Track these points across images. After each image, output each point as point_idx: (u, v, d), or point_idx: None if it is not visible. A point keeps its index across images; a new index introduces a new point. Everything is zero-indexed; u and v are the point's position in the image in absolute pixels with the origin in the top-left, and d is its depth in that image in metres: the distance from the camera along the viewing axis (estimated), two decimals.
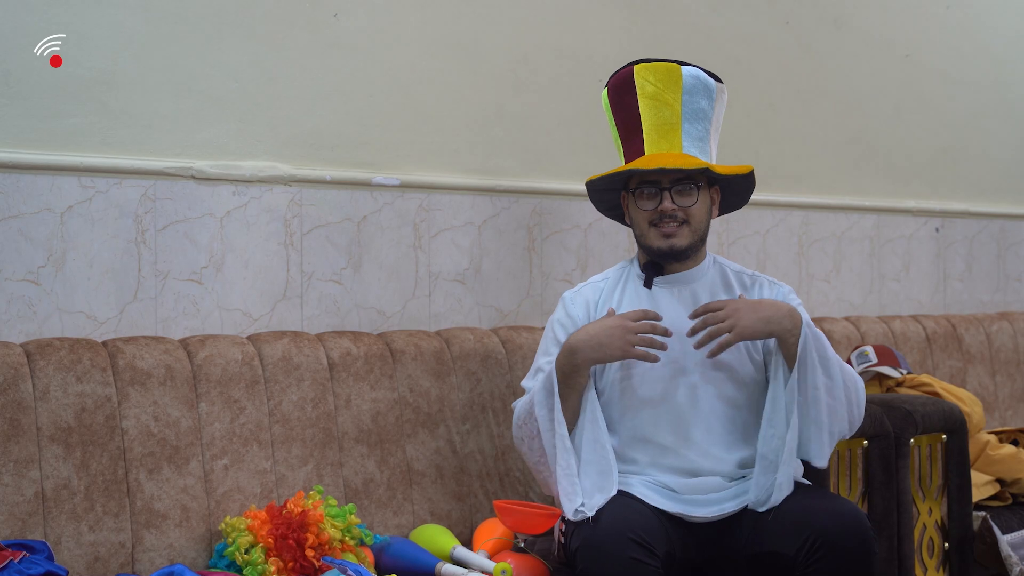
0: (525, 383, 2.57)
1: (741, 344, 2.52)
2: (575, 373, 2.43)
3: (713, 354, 2.42)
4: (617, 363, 2.51)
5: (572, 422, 2.45)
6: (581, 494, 2.37)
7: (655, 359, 2.42)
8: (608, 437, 2.46)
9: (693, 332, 2.44)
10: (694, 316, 2.45)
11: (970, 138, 4.37)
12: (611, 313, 2.49)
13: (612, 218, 2.72)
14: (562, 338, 2.53)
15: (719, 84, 2.58)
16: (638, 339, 2.41)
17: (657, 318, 2.45)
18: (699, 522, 2.44)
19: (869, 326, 3.83)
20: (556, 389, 2.42)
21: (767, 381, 2.53)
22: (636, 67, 2.55)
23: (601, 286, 2.61)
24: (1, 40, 2.47)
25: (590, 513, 2.32)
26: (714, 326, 2.41)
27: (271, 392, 2.61)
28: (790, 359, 2.43)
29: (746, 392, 2.52)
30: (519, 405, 2.53)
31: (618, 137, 2.60)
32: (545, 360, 2.54)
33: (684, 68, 2.54)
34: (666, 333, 2.43)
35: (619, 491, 2.42)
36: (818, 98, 3.94)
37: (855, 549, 2.29)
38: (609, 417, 2.53)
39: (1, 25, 2.47)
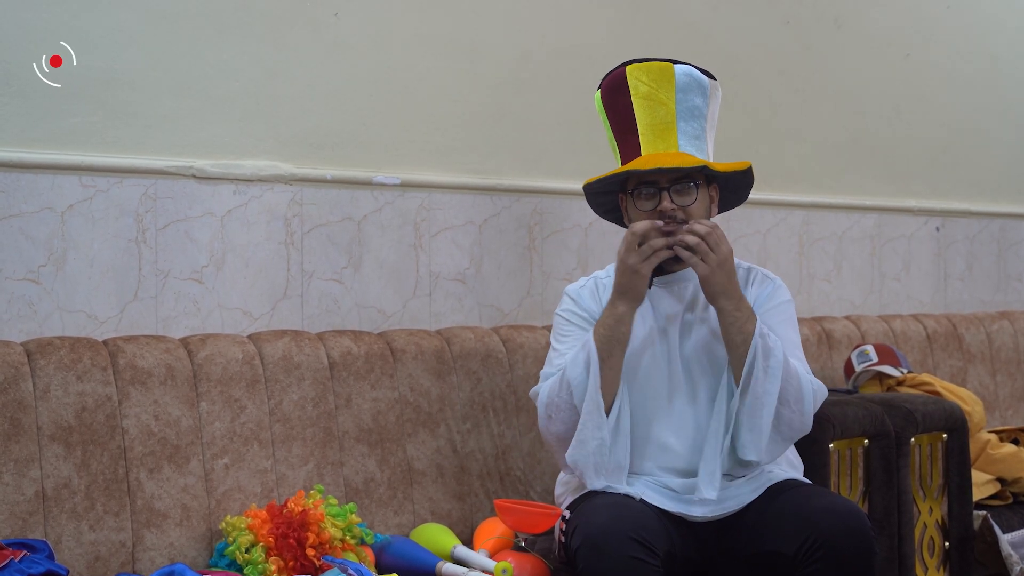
0: (544, 371, 2.55)
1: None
2: (618, 324, 2.42)
3: (669, 246, 2.41)
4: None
5: (614, 389, 2.44)
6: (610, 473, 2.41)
7: (664, 243, 2.41)
8: (629, 433, 2.47)
9: (691, 232, 2.41)
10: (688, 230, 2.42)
11: (970, 137, 4.37)
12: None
13: (610, 220, 2.72)
14: (575, 321, 2.54)
15: (713, 81, 2.58)
16: (637, 259, 2.41)
17: (649, 228, 2.42)
18: (699, 521, 2.44)
19: (870, 325, 3.83)
20: (595, 354, 2.41)
21: None
22: (628, 67, 2.54)
23: (605, 282, 2.61)
24: (1, 40, 2.47)
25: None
26: (700, 241, 2.39)
27: (271, 391, 2.61)
28: (729, 342, 2.42)
29: None
30: (546, 384, 2.50)
31: (613, 139, 2.59)
32: (567, 345, 2.53)
33: (677, 66, 2.54)
34: (662, 226, 2.42)
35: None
36: (818, 97, 3.95)
37: (855, 548, 2.29)
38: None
39: (1, 25, 2.47)
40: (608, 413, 2.42)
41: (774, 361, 2.39)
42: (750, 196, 2.71)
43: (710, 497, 2.39)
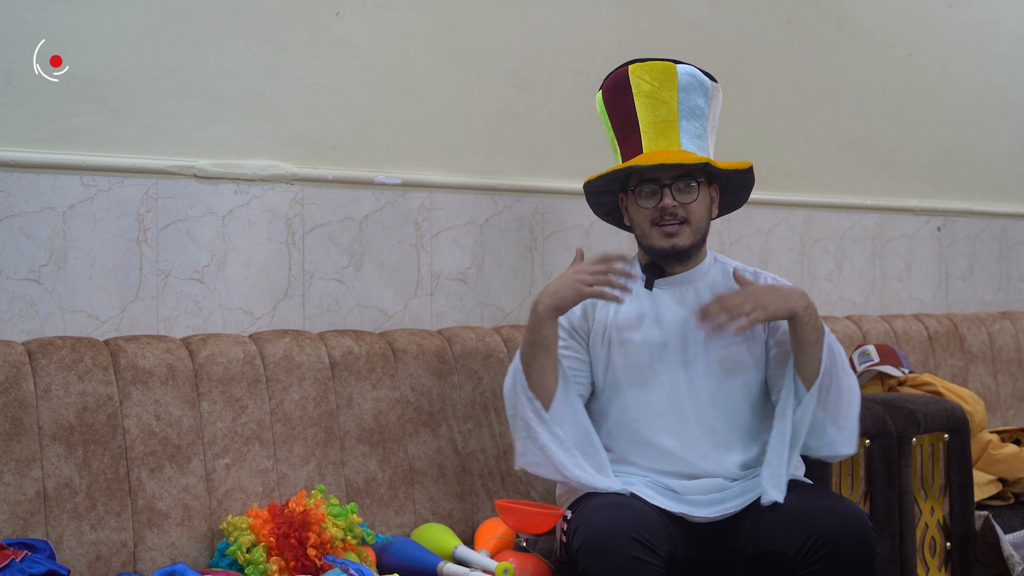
0: None
1: (743, 347, 2.52)
2: (539, 327, 2.43)
3: (741, 329, 2.41)
4: (619, 364, 2.51)
5: (548, 389, 2.45)
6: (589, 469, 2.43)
7: (613, 297, 2.40)
8: (586, 418, 2.49)
9: (705, 314, 2.41)
10: (704, 311, 2.42)
11: (972, 137, 4.37)
12: (578, 257, 2.48)
13: (609, 222, 2.71)
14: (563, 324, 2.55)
15: (714, 83, 2.58)
16: (592, 279, 2.39)
17: (619, 258, 2.42)
18: (701, 522, 2.44)
19: (871, 325, 3.83)
20: (518, 360, 2.46)
21: (766, 380, 2.54)
22: (631, 67, 2.55)
23: None
24: (2, 39, 2.47)
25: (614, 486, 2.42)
26: (735, 309, 2.40)
27: (273, 391, 2.61)
28: (805, 342, 2.43)
29: (748, 392, 2.52)
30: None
31: (614, 138, 2.59)
32: None
33: (679, 66, 2.54)
34: (627, 275, 2.40)
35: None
36: (820, 97, 3.94)
37: (856, 549, 2.29)
38: (609, 419, 2.53)
39: (2, 25, 2.47)
40: (548, 408, 2.43)
41: (842, 355, 2.47)
42: (752, 196, 2.71)
43: (777, 500, 2.39)
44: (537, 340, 2.43)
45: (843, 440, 2.46)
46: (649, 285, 2.57)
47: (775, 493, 2.39)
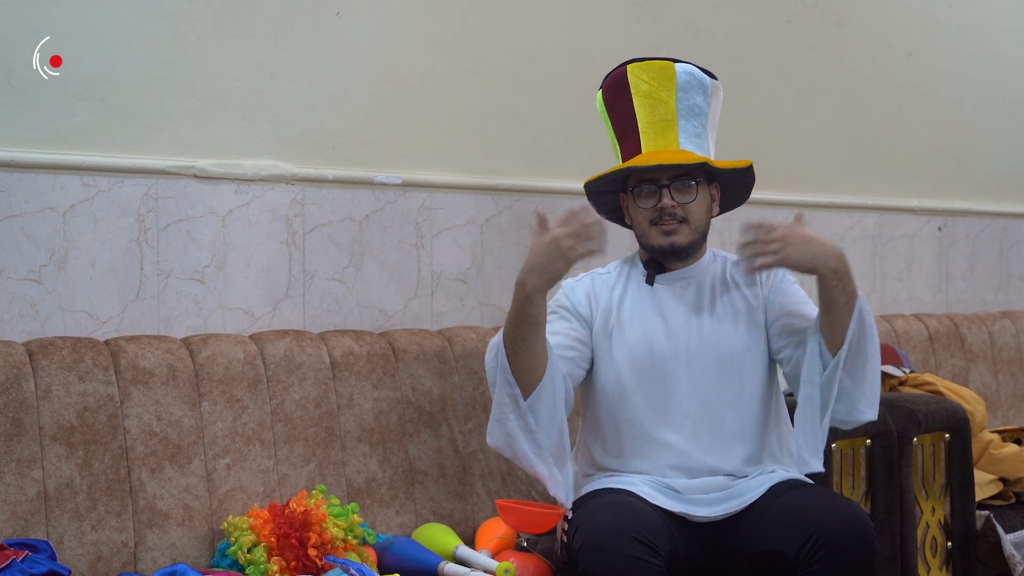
0: None
1: (747, 338, 2.51)
2: (527, 306, 2.32)
3: (751, 271, 2.40)
4: (620, 359, 2.51)
5: (534, 373, 2.38)
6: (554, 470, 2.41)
7: (599, 251, 2.31)
8: (563, 410, 2.42)
9: (744, 244, 2.37)
10: (747, 230, 2.37)
11: (972, 137, 4.37)
12: (541, 220, 2.33)
13: (613, 220, 2.71)
14: (558, 311, 2.54)
15: (714, 81, 2.58)
16: (571, 242, 2.28)
17: (583, 211, 2.31)
18: (702, 522, 2.43)
19: None
20: (501, 342, 2.38)
21: (770, 374, 2.54)
22: (629, 67, 2.55)
23: (604, 279, 2.61)
24: (2, 39, 2.47)
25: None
26: (763, 245, 2.35)
27: (273, 391, 2.61)
28: (832, 303, 2.38)
29: (752, 384, 2.52)
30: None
31: (614, 138, 2.60)
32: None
33: (677, 65, 2.54)
34: (596, 225, 2.30)
35: (622, 490, 2.42)
36: (820, 97, 3.94)
37: (857, 549, 2.28)
38: (611, 415, 2.53)
39: (2, 25, 2.47)
40: (528, 396, 2.37)
41: (871, 321, 2.42)
42: (752, 196, 2.72)
43: (819, 470, 2.40)
44: (526, 319, 2.33)
45: (865, 406, 2.43)
46: (650, 280, 2.57)
47: (815, 462, 2.40)
